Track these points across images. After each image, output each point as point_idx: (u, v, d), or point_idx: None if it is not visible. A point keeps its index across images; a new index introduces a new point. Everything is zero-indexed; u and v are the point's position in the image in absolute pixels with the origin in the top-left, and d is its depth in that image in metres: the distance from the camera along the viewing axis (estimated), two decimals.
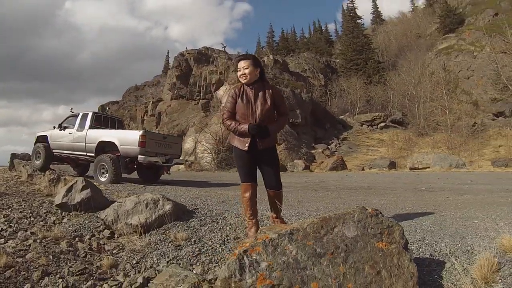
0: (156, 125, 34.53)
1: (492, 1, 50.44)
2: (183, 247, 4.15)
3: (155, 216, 4.82)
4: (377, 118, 35.73)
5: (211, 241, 4.24)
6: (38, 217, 5.63)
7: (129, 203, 4.98)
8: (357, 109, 40.05)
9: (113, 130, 11.01)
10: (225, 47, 41.47)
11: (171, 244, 4.24)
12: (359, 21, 57.18)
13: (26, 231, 4.97)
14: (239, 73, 4.12)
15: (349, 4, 58.12)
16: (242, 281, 2.26)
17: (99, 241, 4.69)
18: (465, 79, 36.55)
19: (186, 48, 51.64)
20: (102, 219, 4.98)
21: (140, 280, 3.51)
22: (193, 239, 4.33)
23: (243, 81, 4.10)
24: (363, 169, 22.72)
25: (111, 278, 3.66)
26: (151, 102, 37.37)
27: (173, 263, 3.81)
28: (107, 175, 9.20)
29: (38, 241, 4.53)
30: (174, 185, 9.69)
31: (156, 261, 3.93)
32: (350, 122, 36.60)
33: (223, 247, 4.07)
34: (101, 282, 3.58)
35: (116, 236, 4.80)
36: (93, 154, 10.07)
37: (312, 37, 71.75)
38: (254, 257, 2.36)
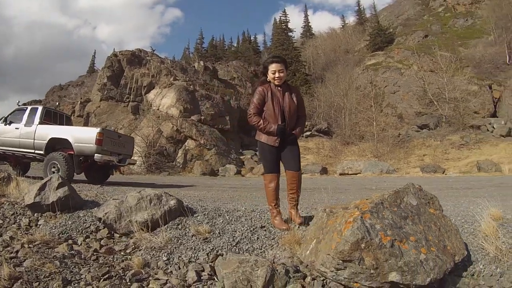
0: (84, 125, 33.04)
1: (423, 24, 55.28)
2: (212, 239, 4.24)
3: (161, 212, 4.65)
4: None
5: (238, 232, 4.37)
6: (7, 219, 5.23)
7: (131, 200, 4.78)
8: None
9: (66, 127, 10.47)
10: (154, 50, 41.00)
11: (196, 238, 4.28)
12: (290, 34, 58.93)
13: (1, 235, 4.66)
14: (273, 75, 4.37)
15: (281, 17, 59.77)
16: (372, 240, 2.74)
17: (98, 242, 4.52)
18: (391, 94, 39.16)
19: (114, 49, 50.53)
20: (101, 218, 4.73)
21: (191, 274, 3.54)
22: (216, 232, 4.41)
23: (276, 83, 4.41)
24: None
25: (151, 278, 3.61)
26: (79, 102, 35.64)
27: (222, 253, 3.88)
28: (58, 174, 8.65)
29: (26, 246, 4.22)
30: (127, 186, 9.29)
31: (192, 255, 3.98)
32: None
33: (257, 235, 4.28)
34: (141, 283, 3.50)
35: (118, 235, 4.64)
36: (42, 152, 9.48)
37: (241, 47, 73.04)
38: (369, 222, 2.86)
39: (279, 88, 4.42)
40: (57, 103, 34.53)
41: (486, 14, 46.94)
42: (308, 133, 35.97)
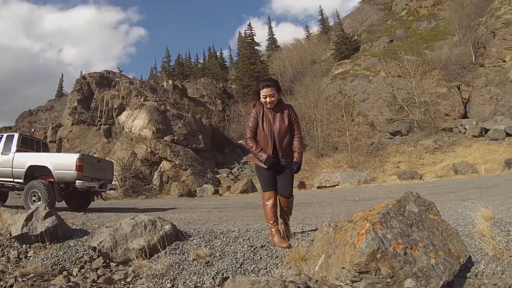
0: (57, 151, 32.43)
1: (387, 29, 56.35)
2: (214, 262, 4.28)
3: (157, 238, 4.66)
4: None
5: (239, 253, 4.45)
6: None
7: (126, 227, 4.76)
8: None
9: (45, 154, 10.45)
10: (121, 71, 40.86)
11: (197, 262, 4.31)
12: (256, 47, 59.38)
13: None
14: (264, 99, 4.58)
15: (247, 30, 60.39)
16: (387, 249, 2.93)
17: (95, 272, 4.50)
18: (361, 102, 39.55)
19: (81, 72, 50.32)
20: (95, 247, 4.67)
21: None
22: (217, 254, 4.45)
23: (268, 107, 4.63)
24: None
25: None
26: (50, 128, 35.07)
27: (227, 276, 3.91)
28: (39, 203, 8.29)
29: (20, 280, 4.15)
30: (109, 212, 9.37)
31: (197, 280, 4.03)
32: None
33: (259, 255, 4.37)
34: None
35: (114, 264, 4.60)
36: (21, 180, 9.38)
37: (207, 63, 73.97)
38: (381, 232, 3.04)
39: (271, 110, 4.63)
40: (33, 130, 34.08)
41: (449, 15, 48.37)
42: None
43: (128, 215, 7.85)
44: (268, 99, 4.54)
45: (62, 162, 9.35)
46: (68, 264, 4.67)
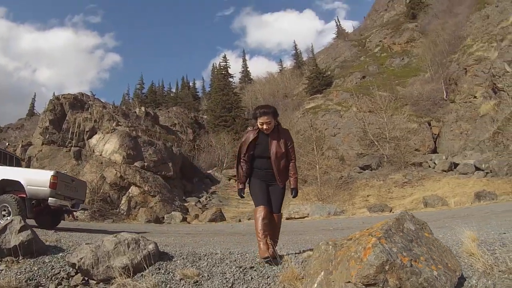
0: None
1: (360, 65, 58.21)
2: (203, 282, 4.35)
3: (140, 257, 4.67)
4: None
5: (228, 273, 4.50)
6: None
7: (108, 244, 4.74)
8: (225, 164, 41.37)
9: (18, 168, 10.24)
10: (94, 95, 40.73)
11: (185, 282, 4.33)
12: (230, 79, 60.22)
13: None
14: (261, 127, 4.91)
15: (222, 62, 61.42)
16: (395, 261, 3.09)
17: None
18: (331, 136, 40.26)
19: (54, 93, 50.25)
20: (75, 263, 4.60)
21: None
22: (205, 274, 4.49)
23: (265, 132, 4.95)
24: (240, 221, 23.43)
25: None
26: (20, 146, 34.27)
27: None
28: (9, 218, 7.97)
29: None
30: (81, 232, 9.24)
31: None
32: (218, 177, 37.74)
33: (249, 275, 4.45)
34: None
35: (94, 281, 4.54)
36: None
37: (180, 93, 75.27)
38: (387, 244, 3.22)
39: (268, 134, 4.96)
40: (7, 144, 33.18)
41: (422, 52, 50.33)
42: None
43: (101, 236, 7.83)
44: (265, 126, 4.87)
45: (35, 178, 9.15)
46: (44, 280, 4.59)
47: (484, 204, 16.26)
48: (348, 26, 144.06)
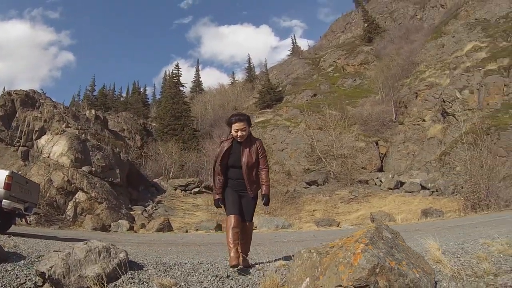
0: None
1: (312, 83, 59.62)
2: None
3: (112, 266, 4.53)
4: (191, 183, 37.10)
5: (206, 283, 4.52)
6: None
7: (79, 252, 4.54)
8: (171, 174, 41.09)
9: None
10: (45, 93, 39.27)
11: None
12: (181, 88, 59.90)
13: None
14: (235, 133, 5.03)
15: (174, 71, 60.78)
16: (384, 264, 3.36)
17: None
18: (279, 151, 41.00)
19: (4, 88, 48.04)
20: (44, 272, 4.31)
21: None
22: (182, 284, 4.48)
23: (239, 140, 5.07)
24: (186, 231, 23.38)
25: None
26: None
27: None
28: None
29: None
30: (34, 238, 8.79)
31: None
32: (164, 186, 37.32)
33: (228, 284, 4.49)
34: None
35: None
36: None
37: (130, 98, 74.03)
38: (375, 249, 3.50)
39: (240, 143, 5.08)
40: None
41: (374, 75, 52.25)
42: (196, 189, 36.27)
43: (57, 243, 7.79)
44: (239, 133, 4.99)
45: None
46: None
47: (431, 220, 17.03)
48: (304, 44, 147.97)
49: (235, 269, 4.70)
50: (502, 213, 14.74)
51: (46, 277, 4.34)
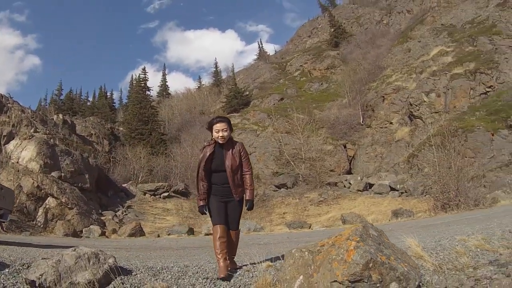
0: None
1: (279, 87, 60.01)
2: None
3: (102, 272, 4.53)
4: (160, 188, 36.90)
5: (198, 285, 4.63)
6: None
7: (69, 259, 4.51)
8: (140, 178, 40.79)
9: None
10: (12, 97, 38.41)
11: None
12: (148, 92, 59.53)
13: None
14: (217, 134, 5.05)
15: (141, 75, 60.36)
16: (377, 259, 3.61)
17: None
18: None
19: None
20: (34, 281, 4.27)
21: None
22: (174, 287, 4.57)
23: (220, 142, 5.07)
24: (158, 236, 23.31)
25: None
26: None
27: None
28: None
29: None
30: (6, 245, 8.50)
31: None
32: (133, 191, 37.01)
33: (220, 285, 4.60)
34: None
35: None
36: None
37: (97, 102, 73.20)
38: (366, 246, 3.74)
39: (222, 147, 5.08)
40: None
41: (341, 79, 52.87)
42: (165, 193, 36.12)
43: (35, 250, 7.69)
44: (221, 133, 5.01)
45: None
46: None
47: (402, 221, 17.39)
48: (270, 49, 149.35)
49: (222, 279, 4.67)
50: (472, 212, 15.21)
51: (37, 285, 4.28)
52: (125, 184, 38.16)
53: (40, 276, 4.28)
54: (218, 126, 5.04)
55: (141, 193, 36.46)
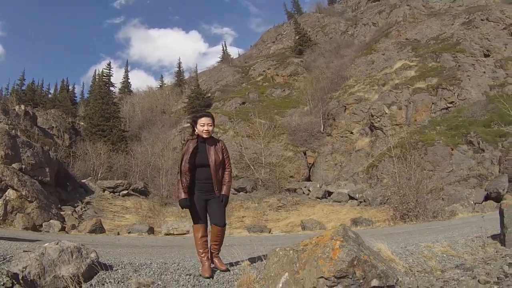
0: None
1: (241, 91, 59.89)
2: None
3: (85, 266, 4.54)
4: (120, 186, 36.51)
5: (182, 281, 4.72)
6: None
7: (52, 252, 4.46)
8: (100, 175, 40.27)
9: None
10: None
11: None
12: (112, 88, 58.82)
13: None
14: (202, 128, 5.08)
15: (105, 70, 59.67)
16: (360, 257, 4.00)
17: None
18: None
19: None
20: (17, 274, 4.24)
21: None
22: (159, 283, 4.61)
23: (205, 136, 5.11)
24: (118, 233, 23.19)
25: None
26: None
27: None
28: None
29: None
30: None
31: None
32: (92, 187, 36.44)
33: (205, 282, 4.76)
34: None
35: None
36: None
37: (59, 95, 71.75)
38: (350, 245, 4.10)
39: (205, 142, 5.13)
40: None
41: (304, 86, 53.35)
42: (125, 191, 35.83)
43: (4, 242, 7.57)
44: (205, 127, 5.04)
45: None
46: None
47: (362, 229, 17.81)
48: (234, 52, 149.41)
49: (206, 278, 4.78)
50: (431, 223, 15.75)
51: (20, 278, 4.25)
52: (85, 180, 37.56)
53: (24, 269, 4.24)
54: (203, 120, 5.08)
55: (100, 190, 35.97)
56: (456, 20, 50.40)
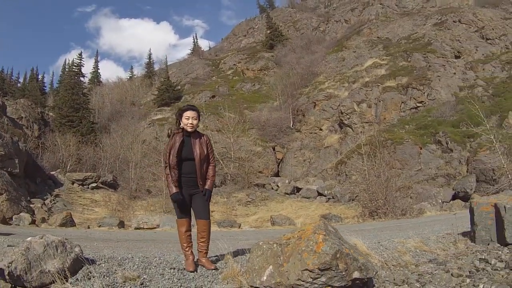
0: None
1: (211, 84, 59.84)
2: (148, 284, 4.54)
3: (70, 260, 4.60)
4: (89, 178, 36.13)
5: (167, 275, 4.81)
6: None
7: (37, 246, 4.48)
8: (69, 167, 39.75)
9: None
10: None
11: (130, 284, 4.45)
12: (82, 79, 57.92)
13: None
14: (186, 121, 5.19)
15: (76, 60, 58.98)
16: (343, 251, 4.25)
17: None
18: None
19: None
20: (2, 269, 4.21)
21: None
22: (145, 276, 4.67)
23: (189, 130, 5.21)
24: (88, 227, 23.04)
25: None
26: None
27: None
28: None
29: None
30: None
31: None
32: (61, 179, 35.96)
33: (190, 275, 4.87)
34: None
35: None
36: None
37: (28, 84, 70.08)
38: (332, 239, 4.34)
39: (190, 136, 5.23)
40: None
41: (274, 81, 53.79)
42: (94, 184, 35.52)
43: None
44: (190, 121, 5.17)
45: None
46: None
47: (331, 225, 18.20)
48: (205, 44, 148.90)
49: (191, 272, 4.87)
50: (399, 220, 16.28)
51: (6, 274, 4.22)
52: (53, 172, 37.02)
53: (10, 264, 4.23)
54: (188, 113, 5.19)
55: (69, 182, 35.54)
56: (428, 21, 51.80)
